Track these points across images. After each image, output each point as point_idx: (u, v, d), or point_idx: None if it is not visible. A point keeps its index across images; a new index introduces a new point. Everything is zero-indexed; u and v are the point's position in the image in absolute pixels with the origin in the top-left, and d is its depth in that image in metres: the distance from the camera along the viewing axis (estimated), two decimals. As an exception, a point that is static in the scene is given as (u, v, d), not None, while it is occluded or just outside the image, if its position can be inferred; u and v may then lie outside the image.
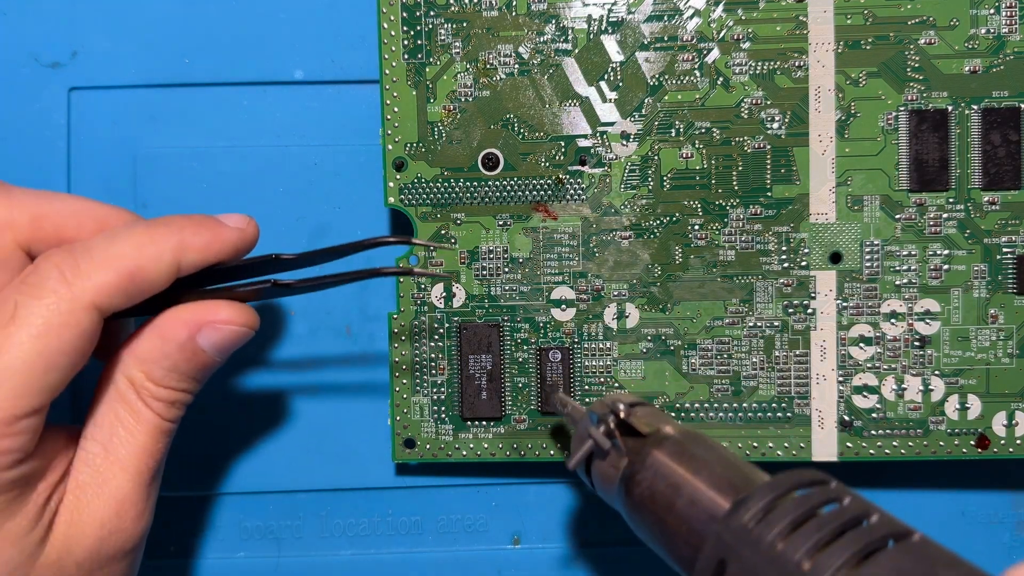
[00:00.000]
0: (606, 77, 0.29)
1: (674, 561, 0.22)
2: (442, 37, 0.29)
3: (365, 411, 0.32)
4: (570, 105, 0.29)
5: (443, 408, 0.30)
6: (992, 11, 0.29)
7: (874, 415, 0.29)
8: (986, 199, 0.29)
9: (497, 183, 0.30)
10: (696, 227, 0.29)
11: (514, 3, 0.29)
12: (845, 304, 0.29)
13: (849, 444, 0.29)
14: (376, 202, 0.31)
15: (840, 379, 0.29)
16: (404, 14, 0.29)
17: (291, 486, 0.32)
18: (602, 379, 0.30)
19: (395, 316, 0.30)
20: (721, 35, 0.29)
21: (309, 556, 0.32)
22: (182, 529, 0.32)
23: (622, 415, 0.24)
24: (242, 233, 0.25)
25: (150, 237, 0.24)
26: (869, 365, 0.29)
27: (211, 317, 0.25)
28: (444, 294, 0.30)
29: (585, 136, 0.29)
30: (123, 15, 0.31)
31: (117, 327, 0.27)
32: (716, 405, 0.30)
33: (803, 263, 0.29)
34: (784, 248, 0.29)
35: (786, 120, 0.29)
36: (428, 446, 0.30)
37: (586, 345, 0.30)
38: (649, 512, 0.22)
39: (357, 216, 0.32)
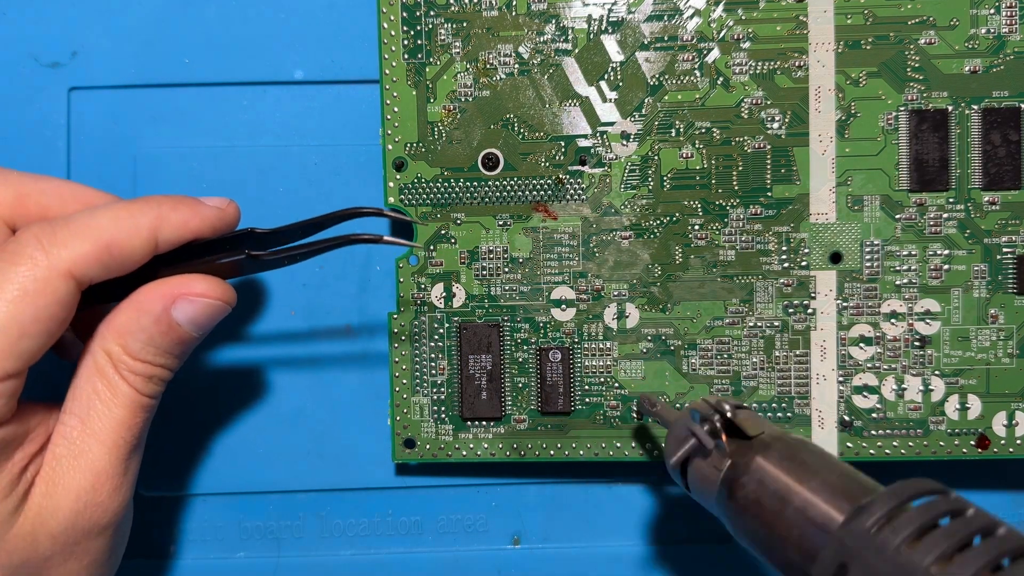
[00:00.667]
0: (606, 77, 0.29)
1: (779, 566, 0.22)
2: (442, 37, 0.29)
3: (365, 411, 0.32)
4: (570, 105, 0.29)
5: (443, 408, 0.30)
6: (992, 11, 0.29)
7: (874, 415, 0.29)
8: (986, 199, 0.29)
9: (497, 183, 0.30)
10: (696, 227, 0.29)
11: (514, 3, 0.29)
12: (845, 304, 0.29)
13: (849, 444, 0.29)
14: (376, 202, 0.31)
15: (840, 379, 0.29)
16: (404, 14, 0.29)
17: (291, 486, 0.32)
18: (602, 379, 0.30)
19: (395, 316, 0.30)
20: (721, 35, 0.29)
21: (309, 556, 0.32)
22: (182, 529, 0.32)
23: (728, 415, 0.24)
24: (221, 212, 0.26)
25: (128, 211, 0.24)
26: (869, 365, 0.29)
27: (185, 290, 0.25)
28: (444, 294, 0.30)
29: (585, 136, 0.29)
30: (123, 15, 0.31)
31: (100, 312, 0.27)
32: (716, 405, 0.30)
33: (803, 263, 0.29)
34: (784, 248, 0.29)
35: (786, 120, 0.29)
36: (428, 446, 0.30)
37: (586, 345, 0.30)
38: (753, 516, 0.22)
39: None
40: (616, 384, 0.30)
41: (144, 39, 0.31)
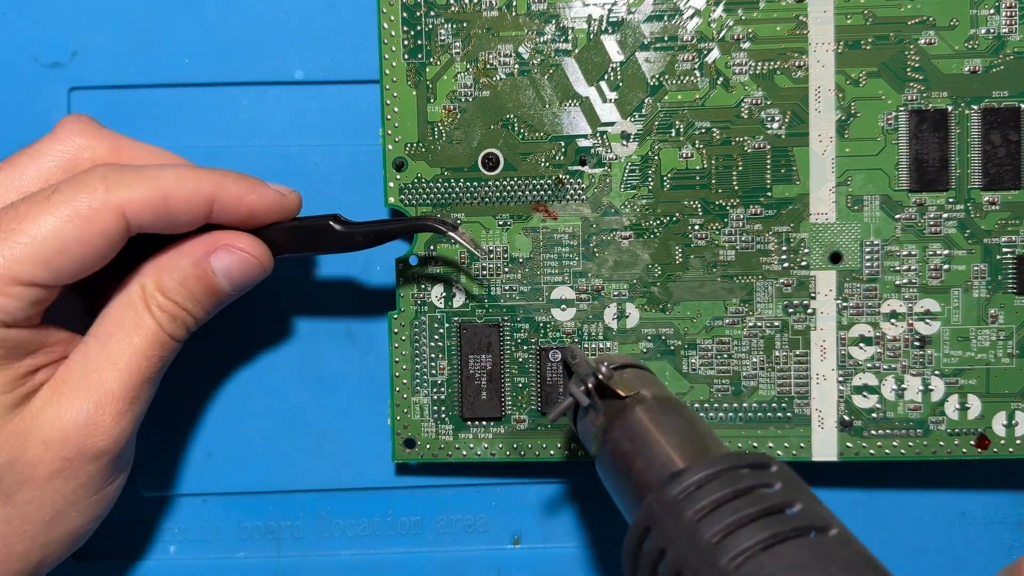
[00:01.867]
0: (606, 77, 0.29)
1: (628, 518, 0.23)
2: (442, 37, 0.29)
3: (365, 411, 0.32)
4: (570, 105, 0.29)
5: (443, 408, 0.30)
6: (992, 11, 0.29)
7: (874, 415, 0.29)
8: (986, 199, 0.29)
9: (497, 183, 0.30)
10: (696, 227, 0.29)
11: (514, 3, 0.29)
12: (845, 304, 0.29)
13: (849, 444, 0.29)
14: (376, 202, 0.31)
15: (840, 379, 0.29)
16: (404, 14, 0.29)
17: (291, 486, 0.32)
18: (602, 379, 0.30)
19: (395, 316, 0.30)
20: (721, 35, 0.29)
21: (309, 556, 0.32)
22: (182, 529, 0.32)
23: (601, 377, 0.25)
24: (281, 197, 0.27)
25: (194, 174, 0.26)
26: (869, 365, 0.29)
27: (228, 241, 0.26)
28: (444, 294, 0.30)
29: (585, 136, 0.29)
30: (123, 15, 0.31)
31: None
32: (716, 405, 0.30)
33: (803, 263, 0.29)
34: (784, 248, 0.29)
35: (786, 120, 0.29)
36: (428, 446, 0.30)
37: (586, 345, 0.30)
38: (611, 469, 0.23)
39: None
40: (616, 384, 0.30)
41: (144, 39, 0.31)
